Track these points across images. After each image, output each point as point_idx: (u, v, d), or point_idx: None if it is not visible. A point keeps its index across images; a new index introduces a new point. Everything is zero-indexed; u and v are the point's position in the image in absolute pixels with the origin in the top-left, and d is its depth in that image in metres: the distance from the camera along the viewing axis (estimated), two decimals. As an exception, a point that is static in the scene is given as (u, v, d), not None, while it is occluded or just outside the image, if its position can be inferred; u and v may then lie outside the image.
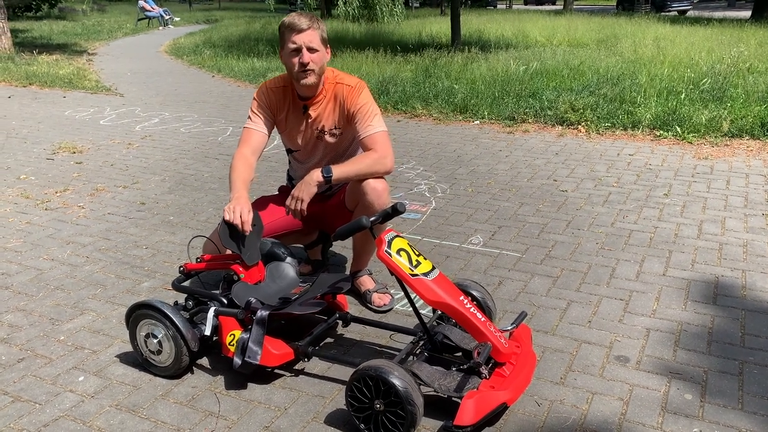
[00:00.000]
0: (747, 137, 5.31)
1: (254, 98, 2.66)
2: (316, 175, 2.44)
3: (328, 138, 2.65)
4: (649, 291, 2.82)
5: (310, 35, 2.44)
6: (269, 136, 2.66)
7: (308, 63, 2.43)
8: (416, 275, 2.02)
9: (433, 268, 2.08)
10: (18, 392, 2.20)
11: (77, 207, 4.10)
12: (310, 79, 2.47)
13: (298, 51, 2.43)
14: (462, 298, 2.05)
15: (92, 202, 4.20)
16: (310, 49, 2.44)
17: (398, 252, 2.03)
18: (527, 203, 3.99)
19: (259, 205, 2.71)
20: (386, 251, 2.02)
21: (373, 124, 2.51)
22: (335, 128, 2.63)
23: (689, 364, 2.28)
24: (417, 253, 2.09)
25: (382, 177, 2.51)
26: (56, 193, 4.39)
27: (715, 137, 5.35)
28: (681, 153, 5.04)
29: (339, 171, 2.46)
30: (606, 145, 5.37)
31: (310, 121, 2.62)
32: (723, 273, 2.97)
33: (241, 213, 2.29)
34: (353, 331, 2.56)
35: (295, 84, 2.54)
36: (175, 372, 2.25)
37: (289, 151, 2.81)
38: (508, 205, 3.96)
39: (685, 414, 2.01)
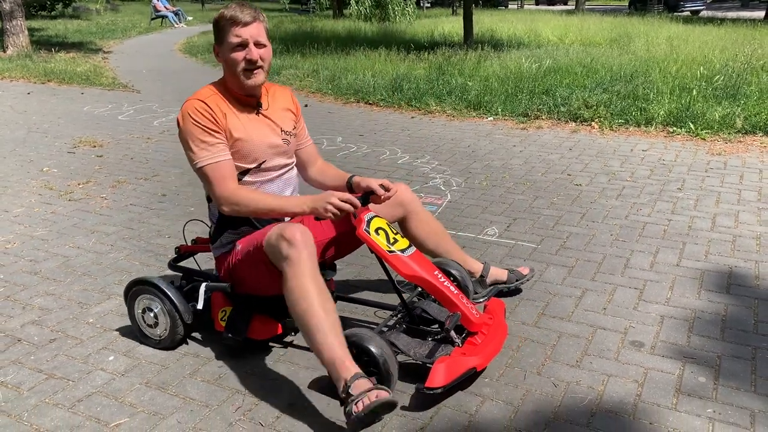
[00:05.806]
0: (761, 134, 5.32)
1: (194, 123, 2.20)
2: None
3: (290, 141, 2.35)
4: (663, 280, 2.87)
5: (257, 28, 2.14)
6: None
7: (257, 60, 2.14)
8: (393, 252, 2.16)
9: (410, 245, 2.23)
10: (52, 370, 2.29)
11: (100, 198, 4.19)
12: (260, 78, 2.18)
13: (243, 46, 2.12)
14: (437, 272, 2.20)
15: (114, 193, 4.29)
16: (258, 44, 2.14)
17: (377, 231, 2.17)
18: (541, 197, 4.04)
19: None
20: (365, 230, 2.15)
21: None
22: (293, 129, 2.38)
23: (703, 349, 2.32)
24: (395, 231, 2.24)
25: None
26: (79, 184, 4.49)
27: (729, 134, 5.37)
28: (694, 149, 5.07)
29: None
30: (620, 141, 5.40)
31: (267, 120, 2.29)
32: (736, 264, 3.01)
33: (347, 200, 2.09)
34: (340, 309, 2.58)
35: (237, 83, 2.19)
36: (170, 344, 2.39)
37: (243, 173, 2.26)
38: (522, 199, 4.01)
39: (699, 395, 2.06)
